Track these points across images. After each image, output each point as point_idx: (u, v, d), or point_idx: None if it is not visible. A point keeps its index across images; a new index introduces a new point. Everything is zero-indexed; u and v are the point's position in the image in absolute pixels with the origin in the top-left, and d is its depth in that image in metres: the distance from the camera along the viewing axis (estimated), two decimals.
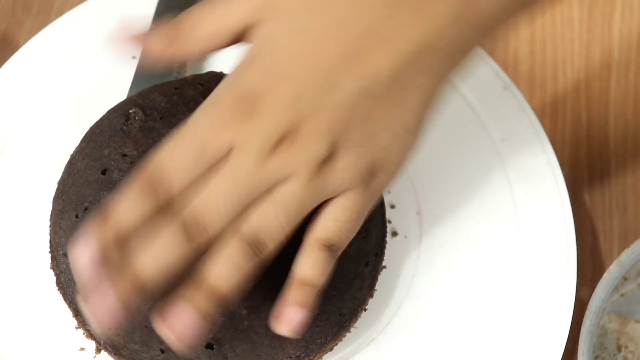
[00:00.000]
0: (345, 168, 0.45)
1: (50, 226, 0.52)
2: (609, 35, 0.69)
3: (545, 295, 0.57)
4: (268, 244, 0.45)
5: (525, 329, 0.57)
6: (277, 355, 0.49)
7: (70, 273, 0.50)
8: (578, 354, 0.55)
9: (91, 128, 0.53)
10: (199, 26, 0.47)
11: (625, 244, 0.63)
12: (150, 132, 0.51)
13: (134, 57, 0.63)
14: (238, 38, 0.47)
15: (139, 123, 0.52)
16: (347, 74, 0.44)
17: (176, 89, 0.53)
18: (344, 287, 0.51)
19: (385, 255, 0.54)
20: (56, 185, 0.52)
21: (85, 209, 0.50)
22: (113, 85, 0.63)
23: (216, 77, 0.54)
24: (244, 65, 0.45)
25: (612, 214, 0.64)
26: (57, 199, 0.51)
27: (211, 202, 0.44)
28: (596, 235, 0.63)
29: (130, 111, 0.52)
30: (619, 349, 0.59)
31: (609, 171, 0.65)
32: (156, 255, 0.44)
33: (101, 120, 0.53)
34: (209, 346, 0.48)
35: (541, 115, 0.66)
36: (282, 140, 0.44)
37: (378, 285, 0.54)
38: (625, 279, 0.59)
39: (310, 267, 0.45)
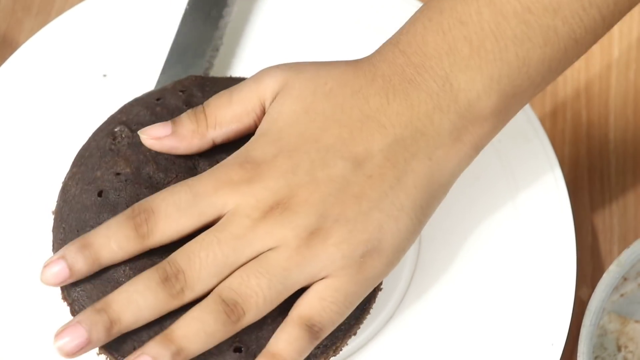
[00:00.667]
0: (336, 243, 0.46)
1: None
2: (609, 35, 0.69)
3: (544, 295, 0.57)
4: (245, 310, 0.46)
5: (524, 328, 0.57)
6: None
7: (83, 300, 0.49)
8: (578, 354, 0.55)
9: (79, 152, 0.52)
10: (224, 111, 0.50)
11: (625, 244, 0.63)
12: (140, 147, 0.51)
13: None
14: (259, 117, 0.50)
15: (127, 140, 0.51)
16: (343, 153, 0.47)
17: (158, 99, 0.53)
18: None
19: None
20: (52, 215, 0.52)
21: None
22: (113, 85, 0.63)
23: (197, 82, 0.54)
24: (255, 137, 0.49)
25: (612, 214, 0.64)
26: (56, 228, 0.51)
27: (199, 259, 0.46)
28: (596, 235, 0.63)
29: (116, 130, 0.52)
30: (619, 349, 0.59)
31: (609, 171, 0.65)
32: (133, 299, 0.46)
33: (88, 143, 0.52)
34: (237, 350, 0.48)
35: (541, 115, 0.66)
36: (274, 207, 0.46)
37: None
38: (625, 279, 0.59)
39: (285, 343, 0.46)
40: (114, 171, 0.50)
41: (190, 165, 0.51)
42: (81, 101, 0.63)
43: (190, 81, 0.54)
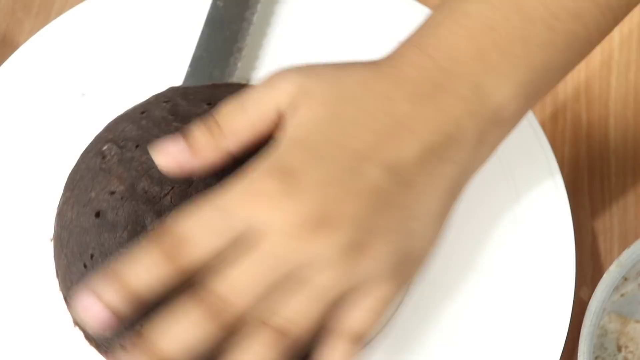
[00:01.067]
0: (376, 256, 0.45)
1: (60, 282, 0.50)
2: (609, 35, 0.69)
3: (543, 295, 0.57)
4: (291, 331, 0.45)
5: (523, 328, 0.57)
6: None
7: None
8: (578, 354, 0.55)
9: (70, 175, 0.52)
10: (238, 118, 0.48)
11: (625, 244, 0.63)
12: (131, 163, 0.50)
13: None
14: (275, 124, 0.48)
15: (117, 157, 0.50)
16: (375, 160, 0.46)
17: (142, 113, 0.52)
18: None
19: None
20: (52, 243, 0.51)
21: (92, 256, 0.49)
22: (114, 83, 0.63)
23: (179, 93, 0.53)
24: (280, 147, 0.46)
25: (612, 214, 0.64)
26: (58, 255, 0.50)
27: (240, 284, 0.44)
28: (596, 235, 0.63)
29: (104, 148, 0.51)
30: (619, 349, 0.59)
31: (609, 171, 0.65)
32: (181, 336, 0.44)
33: (77, 165, 0.52)
34: None
35: (541, 115, 0.66)
36: (309, 222, 0.44)
37: None
38: (625, 279, 0.59)
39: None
40: (109, 190, 0.49)
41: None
42: (81, 101, 0.63)
43: (172, 92, 0.53)
